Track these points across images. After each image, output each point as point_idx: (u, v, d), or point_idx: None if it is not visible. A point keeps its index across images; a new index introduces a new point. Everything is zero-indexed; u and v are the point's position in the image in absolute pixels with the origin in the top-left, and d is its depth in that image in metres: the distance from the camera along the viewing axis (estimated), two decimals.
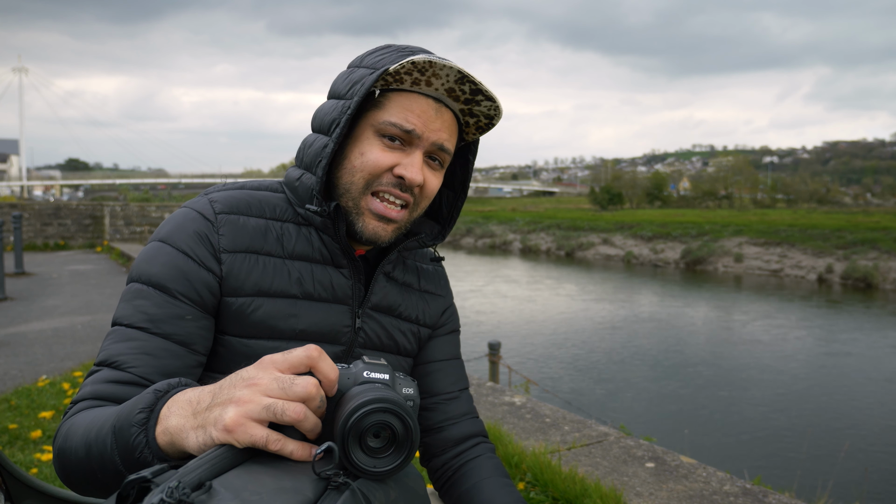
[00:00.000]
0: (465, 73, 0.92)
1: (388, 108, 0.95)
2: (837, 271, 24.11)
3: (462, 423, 1.16)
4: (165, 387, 0.74)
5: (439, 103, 0.97)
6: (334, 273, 1.02)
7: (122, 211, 16.45)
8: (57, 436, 0.84)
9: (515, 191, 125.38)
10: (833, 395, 10.12)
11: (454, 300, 1.25)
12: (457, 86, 0.95)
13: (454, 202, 1.13)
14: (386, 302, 1.09)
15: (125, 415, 0.73)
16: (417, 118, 0.95)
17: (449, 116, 0.98)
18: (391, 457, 0.66)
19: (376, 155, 0.95)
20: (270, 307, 0.96)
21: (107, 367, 0.88)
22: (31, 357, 5.40)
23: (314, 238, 1.01)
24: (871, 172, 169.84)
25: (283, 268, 0.98)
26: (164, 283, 0.92)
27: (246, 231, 0.97)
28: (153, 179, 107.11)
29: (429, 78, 0.93)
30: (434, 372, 1.17)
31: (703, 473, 2.64)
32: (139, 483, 0.58)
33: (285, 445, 0.65)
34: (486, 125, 1.03)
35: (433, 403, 1.15)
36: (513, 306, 17.49)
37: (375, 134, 0.96)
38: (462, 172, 1.11)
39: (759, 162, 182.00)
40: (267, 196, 1.02)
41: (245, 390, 0.66)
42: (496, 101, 0.96)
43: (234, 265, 0.95)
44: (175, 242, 0.94)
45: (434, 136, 0.96)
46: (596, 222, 37.14)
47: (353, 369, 0.72)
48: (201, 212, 0.97)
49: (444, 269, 1.25)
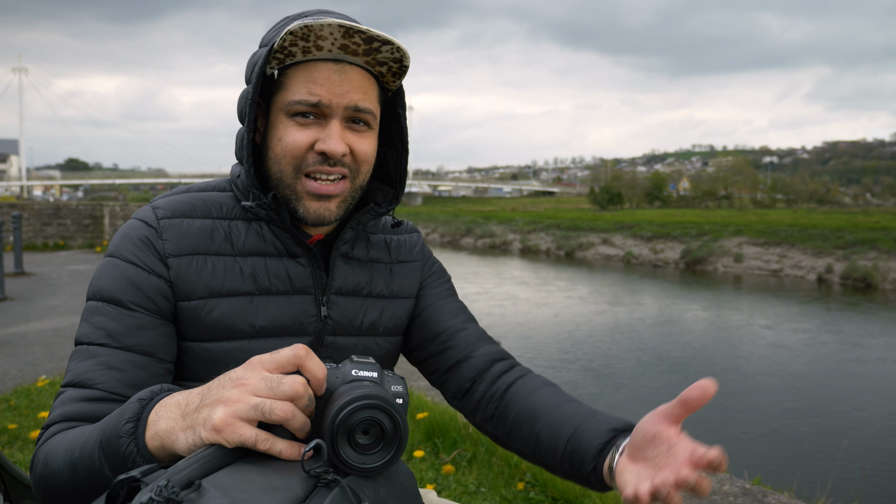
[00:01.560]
0: (347, 26, 0.87)
1: (290, 87, 0.92)
2: (837, 271, 24.10)
3: (480, 348, 1.07)
4: (149, 395, 0.74)
5: (340, 63, 0.92)
6: (290, 264, 0.99)
7: (122, 211, 16.44)
8: (35, 463, 0.82)
9: (515, 191, 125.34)
10: (833, 395, 10.12)
11: (434, 257, 1.19)
12: (348, 41, 0.89)
13: (399, 161, 1.07)
14: (350, 283, 1.05)
15: (111, 427, 0.73)
16: (321, 87, 0.91)
17: (356, 74, 0.93)
18: (380, 453, 0.66)
19: (293, 137, 0.93)
20: (225, 307, 0.95)
21: (73, 387, 0.87)
22: (31, 357, 5.40)
23: (265, 232, 0.99)
24: (871, 172, 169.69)
25: (234, 266, 0.96)
26: (116, 296, 0.91)
27: (190, 233, 0.95)
28: (153, 179, 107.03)
29: (315, 42, 0.89)
30: (431, 315, 1.11)
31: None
32: (129, 483, 0.58)
33: (274, 444, 0.66)
34: (398, 70, 0.97)
35: (440, 344, 1.08)
36: (512, 306, 17.49)
37: (287, 116, 0.93)
38: (397, 128, 1.05)
39: (758, 162, 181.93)
40: (213, 196, 1.00)
41: (233, 390, 0.66)
42: (394, 42, 0.90)
43: (181, 269, 0.93)
44: (122, 254, 0.93)
45: (344, 100, 0.92)
46: (596, 222, 37.10)
47: (341, 368, 0.73)
48: (144, 220, 0.96)
49: (419, 232, 1.20)
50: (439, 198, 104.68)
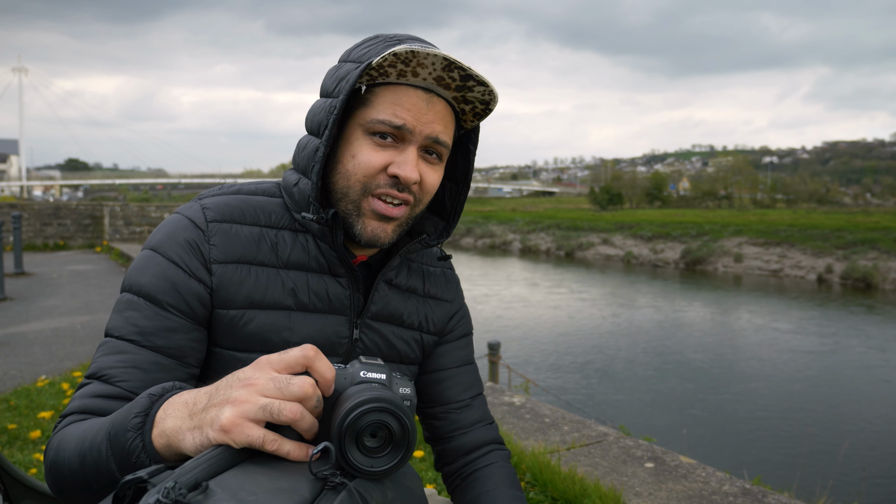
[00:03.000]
0: (451, 60, 0.86)
1: (376, 105, 0.91)
2: (837, 271, 24.10)
3: (474, 431, 1.13)
4: (160, 391, 0.73)
5: (430, 93, 0.92)
6: (331, 282, 0.98)
7: (122, 211, 16.44)
8: (48, 449, 0.83)
9: (515, 191, 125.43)
10: (834, 396, 10.12)
11: (465, 304, 1.20)
12: (445, 73, 0.89)
13: (457, 195, 1.07)
14: (387, 310, 1.05)
15: (120, 420, 0.73)
16: (407, 112, 0.90)
17: (441, 106, 0.93)
18: (388, 456, 0.65)
19: (367, 156, 0.91)
20: (263, 319, 0.94)
21: (96, 381, 0.86)
22: (31, 357, 5.39)
23: (311, 246, 0.97)
24: (871, 172, 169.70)
25: (276, 278, 0.95)
26: (154, 294, 0.90)
27: (238, 240, 0.94)
28: (153, 179, 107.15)
29: (414, 68, 0.88)
30: (444, 380, 1.13)
31: (702, 473, 2.63)
32: (135, 483, 0.58)
33: (282, 445, 0.65)
34: (482, 111, 0.97)
35: (444, 413, 1.12)
36: (511, 306, 17.49)
37: (365, 133, 0.91)
38: (463, 163, 1.05)
39: (758, 162, 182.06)
40: (263, 202, 0.99)
41: (241, 390, 0.66)
42: (489, 84, 0.90)
43: (225, 276, 0.92)
44: (165, 252, 0.92)
45: (427, 130, 0.91)
46: (595, 222, 37.12)
47: (349, 369, 0.72)
48: (193, 219, 0.94)
49: (454, 270, 1.20)
50: None
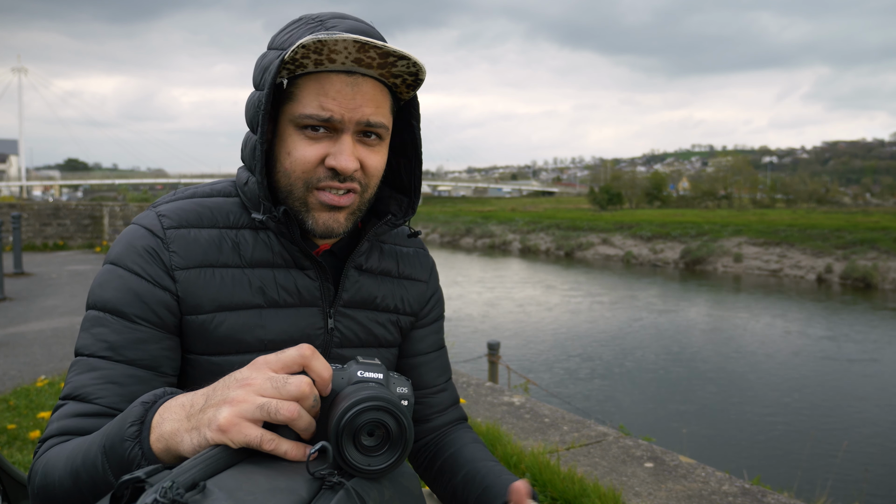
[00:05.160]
0: (362, 41, 0.83)
1: (301, 99, 0.88)
2: (837, 271, 24.11)
3: (447, 413, 1.17)
4: (152, 398, 0.73)
5: (353, 75, 0.88)
6: (299, 276, 0.97)
7: (122, 211, 16.43)
8: (33, 475, 0.81)
9: (515, 191, 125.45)
10: (833, 396, 10.12)
11: (439, 286, 1.20)
12: (362, 55, 0.85)
13: (412, 170, 1.05)
14: (360, 296, 1.03)
15: (115, 432, 0.72)
16: (332, 101, 0.87)
17: (368, 86, 0.90)
18: (385, 455, 0.66)
19: (302, 151, 0.89)
20: (234, 321, 0.92)
21: (72, 401, 0.85)
22: (30, 357, 5.40)
23: (273, 242, 0.96)
24: (871, 172, 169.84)
25: (242, 278, 0.94)
26: (119, 307, 0.88)
27: (198, 245, 0.92)
28: (152, 179, 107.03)
29: (329, 55, 0.85)
30: (421, 365, 1.14)
31: (701, 473, 2.63)
32: (133, 483, 0.58)
33: (279, 445, 0.65)
34: (413, 81, 0.93)
35: (421, 397, 1.14)
36: (510, 306, 17.49)
37: (296, 128, 0.89)
38: (411, 137, 1.02)
39: (758, 162, 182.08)
40: (219, 203, 0.97)
41: (239, 390, 0.66)
42: (410, 57, 0.87)
43: (189, 282, 0.91)
44: (125, 264, 0.90)
45: (357, 115, 0.89)
46: (595, 222, 37.12)
47: (346, 369, 0.72)
48: (150, 228, 0.92)
49: (426, 250, 1.18)
50: (439, 198, 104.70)
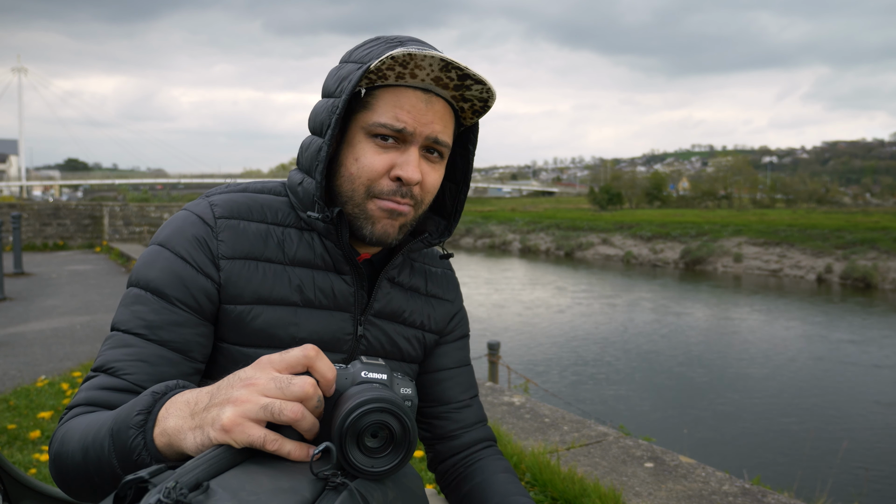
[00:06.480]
0: (448, 61, 0.87)
1: (376, 108, 0.92)
2: (837, 271, 24.12)
3: (474, 430, 1.16)
4: (163, 389, 0.74)
5: (428, 93, 0.93)
6: (336, 279, 1.00)
7: (122, 211, 16.44)
8: (53, 440, 0.84)
9: (515, 191, 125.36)
10: (833, 396, 10.12)
11: (463, 305, 1.22)
12: (443, 74, 0.90)
13: (457, 195, 1.08)
14: (389, 308, 1.06)
15: (123, 417, 0.73)
16: (407, 114, 0.91)
17: (440, 106, 0.94)
18: (389, 457, 0.65)
19: (371, 159, 0.92)
20: (270, 315, 0.95)
21: (102, 374, 0.87)
22: (30, 357, 5.39)
23: (316, 244, 0.99)
24: (871, 172, 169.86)
25: (283, 274, 0.96)
26: (161, 288, 0.91)
27: (246, 237, 0.95)
28: (152, 179, 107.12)
29: (412, 70, 0.89)
30: (444, 380, 1.15)
31: (701, 473, 2.63)
32: (136, 483, 0.58)
33: (283, 445, 0.65)
34: (481, 108, 0.99)
35: (445, 412, 1.14)
36: (510, 306, 17.49)
37: (367, 136, 0.93)
38: (462, 163, 1.06)
39: (758, 162, 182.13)
40: (269, 200, 1.00)
41: (242, 390, 0.66)
42: (486, 83, 0.91)
43: (232, 272, 0.93)
44: (173, 247, 0.93)
45: (427, 130, 0.93)
46: (595, 222, 37.13)
47: (350, 369, 0.72)
48: (201, 216, 0.95)
49: (454, 271, 1.21)
50: None
